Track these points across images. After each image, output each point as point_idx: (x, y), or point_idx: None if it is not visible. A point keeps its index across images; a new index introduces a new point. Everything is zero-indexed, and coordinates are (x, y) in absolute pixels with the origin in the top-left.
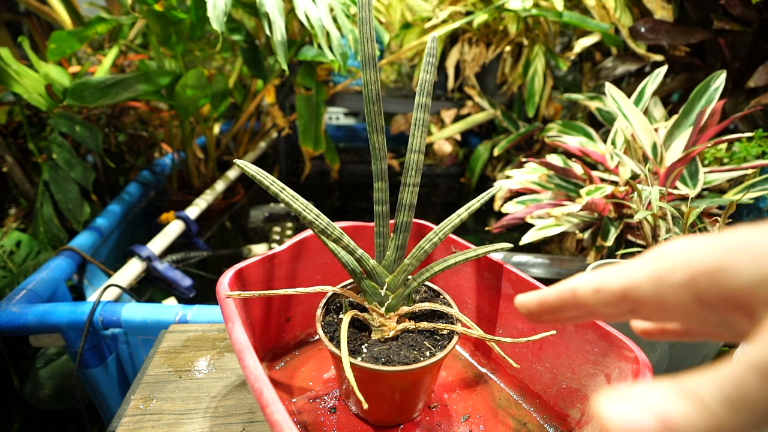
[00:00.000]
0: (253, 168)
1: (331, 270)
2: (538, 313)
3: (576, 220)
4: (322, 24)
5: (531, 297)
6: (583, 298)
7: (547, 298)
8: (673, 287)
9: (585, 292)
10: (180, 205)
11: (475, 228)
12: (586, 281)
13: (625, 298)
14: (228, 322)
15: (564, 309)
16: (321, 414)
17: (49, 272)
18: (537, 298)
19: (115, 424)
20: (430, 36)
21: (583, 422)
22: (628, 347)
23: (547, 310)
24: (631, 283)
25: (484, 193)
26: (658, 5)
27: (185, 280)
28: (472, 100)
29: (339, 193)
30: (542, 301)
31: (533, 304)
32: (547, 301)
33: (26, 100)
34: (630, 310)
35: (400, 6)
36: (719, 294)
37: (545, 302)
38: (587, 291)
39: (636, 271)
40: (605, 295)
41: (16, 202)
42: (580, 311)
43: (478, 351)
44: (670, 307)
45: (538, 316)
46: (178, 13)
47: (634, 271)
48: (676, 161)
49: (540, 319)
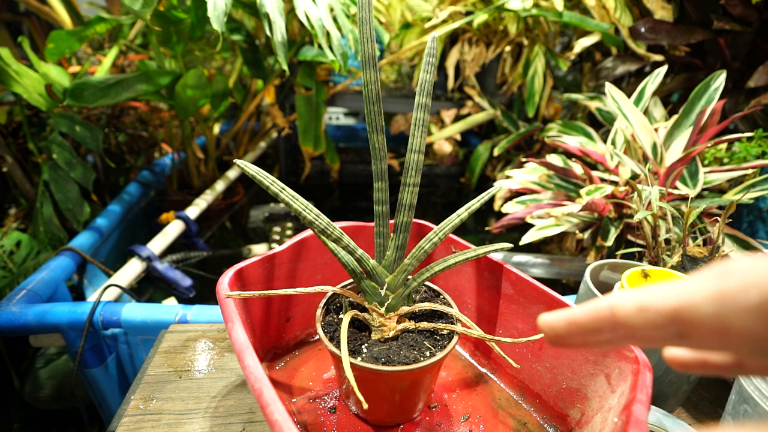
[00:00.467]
0: (253, 168)
1: (331, 270)
2: (567, 335)
3: (576, 220)
4: (322, 24)
5: (558, 316)
6: (624, 318)
7: (579, 317)
8: (742, 309)
9: (627, 311)
10: (180, 205)
11: (475, 228)
12: (628, 298)
13: (677, 319)
14: (228, 322)
15: (599, 330)
16: (321, 414)
17: (49, 272)
18: (566, 317)
19: (115, 424)
20: (430, 36)
21: (583, 422)
22: (628, 347)
23: (578, 332)
24: (686, 302)
25: (484, 193)
26: (658, 5)
27: (185, 280)
28: (472, 100)
29: (339, 193)
30: (573, 320)
31: (561, 324)
32: (579, 320)
33: (26, 100)
34: (678, 335)
35: (400, 6)
36: None
37: (576, 322)
38: (629, 309)
39: (692, 288)
40: (652, 314)
41: (16, 202)
42: (618, 333)
43: (478, 351)
44: (733, 332)
45: (565, 339)
46: (179, 13)
47: (690, 288)
48: (676, 161)
49: (568, 342)
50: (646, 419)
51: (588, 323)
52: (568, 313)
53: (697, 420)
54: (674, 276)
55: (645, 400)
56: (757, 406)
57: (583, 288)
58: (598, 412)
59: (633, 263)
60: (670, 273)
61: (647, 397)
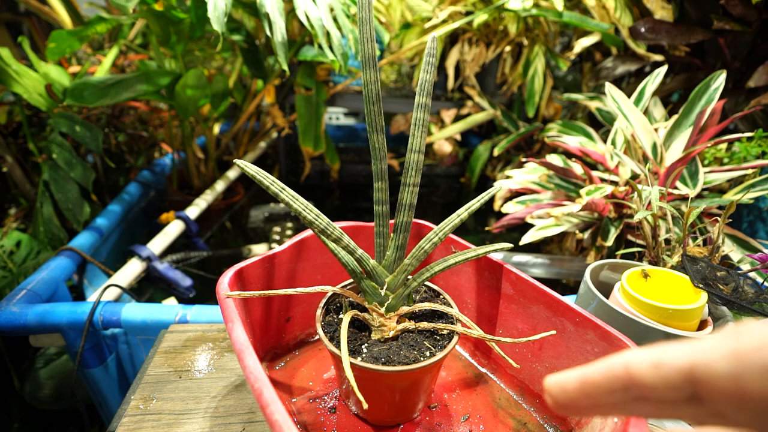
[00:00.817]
0: (253, 168)
1: (331, 270)
2: (578, 396)
3: (576, 220)
4: (323, 24)
5: (569, 377)
6: (638, 375)
7: (592, 377)
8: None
9: (641, 368)
10: (180, 205)
11: (475, 228)
12: (642, 355)
13: (691, 377)
14: (228, 322)
15: (612, 391)
16: (321, 414)
17: (49, 272)
18: (578, 377)
19: (115, 424)
20: (430, 36)
21: (583, 422)
22: (627, 347)
23: (590, 393)
24: (701, 359)
25: (484, 193)
26: (658, 5)
27: (185, 280)
28: (472, 100)
29: (339, 193)
30: (585, 380)
31: (572, 385)
32: (592, 380)
33: (26, 100)
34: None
35: (400, 6)
36: None
37: (589, 382)
38: (644, 366)
39: (708, 347)
40: (667, 371)
41: (16, 202)
42: (630, 394)
43: (478, 351)
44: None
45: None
46: (178, 13)
47: (706, 347)
48: (676, 161)
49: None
50: (646, 419)
51: (601, 383)
52: (581, 372)
53: None
54: (674, 276)
55: None
56: None
57: (583, 288)
58: None
59: (633, 263)
60: (670, 273)
61: None
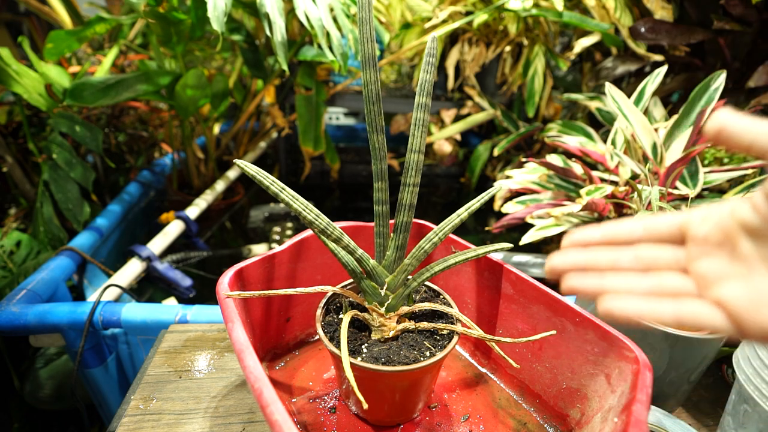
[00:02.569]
0: (253, 168)
1: (331, 270)
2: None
3: (576, 220)
4: (322, 24)
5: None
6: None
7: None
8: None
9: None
10: (180, 205)
11: (475, 228)
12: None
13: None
14: (228, 322)
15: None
16: (321, 414)
17: (49, 272)
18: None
19: (115, 424)
20: (430, 36)
21: (583, 422)
22: (628, 347)
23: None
24: (682, 217)
25: (484, 193)
26: (658, 5)
27: (185, 280)
28: (472, 100)
29: (339, 193)
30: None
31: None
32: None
33: (26, 100)
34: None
35: (400, 6)
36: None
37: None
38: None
39: (679, 213)
40: (660, 221)
41: (16, 202)
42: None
43: (478, 351)
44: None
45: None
46: (179, 14)
47: (677, 213)
48: (676, 161)
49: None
50: (646, 419)
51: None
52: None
53: (697, 420)
54: None
55: (645, 400)
56: (757, 405)
57: None
58: (598, 413)
59: None
60: None
61: (647, 397)
